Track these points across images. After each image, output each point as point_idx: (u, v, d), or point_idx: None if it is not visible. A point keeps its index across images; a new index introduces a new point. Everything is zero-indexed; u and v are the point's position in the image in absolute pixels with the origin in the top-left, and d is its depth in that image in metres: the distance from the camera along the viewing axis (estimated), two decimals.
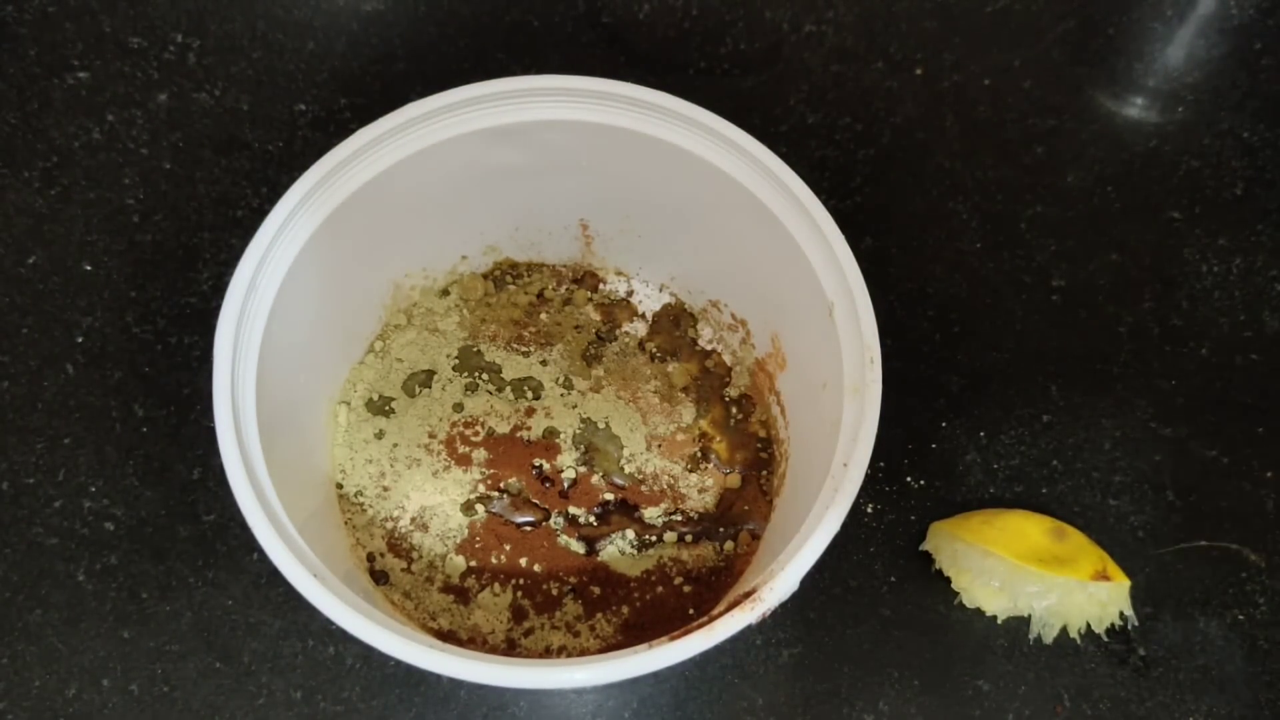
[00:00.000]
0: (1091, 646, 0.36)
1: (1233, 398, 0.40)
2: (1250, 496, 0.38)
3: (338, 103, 0.42)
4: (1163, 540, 0.37)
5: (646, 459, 0.36)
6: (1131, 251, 0.42)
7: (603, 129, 0.32)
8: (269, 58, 0.43)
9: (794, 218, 0.31)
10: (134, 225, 0.40)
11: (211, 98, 0.42)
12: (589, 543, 0.35)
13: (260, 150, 0.41)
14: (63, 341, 0.38)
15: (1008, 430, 0.39)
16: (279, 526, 0.27)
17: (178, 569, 0.35)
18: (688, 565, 0.35)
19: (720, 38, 0.45)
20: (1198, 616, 0.36)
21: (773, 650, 0.35)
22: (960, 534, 0.35)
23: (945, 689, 0.35)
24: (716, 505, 0.35)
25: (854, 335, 0.30)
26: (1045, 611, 0.35)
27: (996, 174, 0.43)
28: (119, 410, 0.37)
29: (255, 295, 0.30)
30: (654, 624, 0.33)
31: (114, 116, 0.42)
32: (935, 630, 0.35)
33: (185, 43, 0.43)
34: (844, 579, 0.36)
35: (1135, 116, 0.44)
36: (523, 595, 0.34)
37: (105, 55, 0.43)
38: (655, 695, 0.34)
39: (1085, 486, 0.38)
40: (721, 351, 0.38)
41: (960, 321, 0.40)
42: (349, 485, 0.35)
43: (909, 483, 0.38)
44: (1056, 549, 0.35)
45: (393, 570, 0.34)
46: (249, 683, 0.34)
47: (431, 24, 0.44)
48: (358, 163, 0.31)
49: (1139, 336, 0.40)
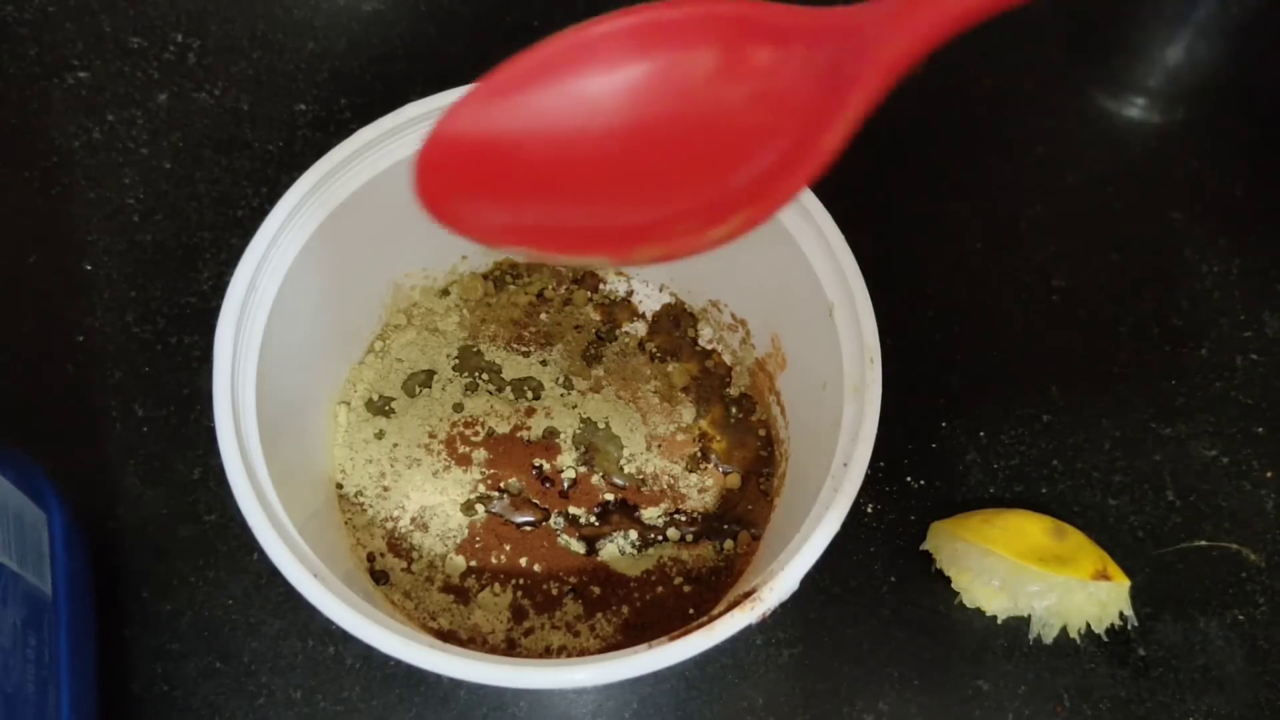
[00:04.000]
0: (1091, 646, 0.36)
1: (1233, 398, 0.40)
2: (1250, 496, 0.38)
3: (338, 102, 0.42)
4: (1163, 540, 0.37)
5: (646, 459, 0.36)
6: (1132, 251, 0.42)
7: None
8: (269, 58, 0.43)
9: (793, 217, 0.31)
10: (134, 225, 0.40)
11: (211, 98, 0.42)
12: (589, 543, 0.35)
13: (260, 150, 0.41)
14: (62, 341, 0.38)
15: (1008, 430, 0.39)
16: (279, 526, 0.27)
17: (178, 568, 0.35)
18: (688, 565, 0.35)
19: None
20: (1198, 616, 0.36)
21: (773, 650, 0.35)
22: (960, 533, 0.35)
23: (945, 689, 0.35)
24: (716, 505, 0.35)
25: (854, 335, 0.30)
26: (1045, 611, 0.35)
27: (997, 174, 0.43)
28: (119, 410, 0.37)
29: (255, 295, 0.30)
30: (654, 624, 0.33)
31: (114, 116, 0.42)
32: (935, 630, 0.35)
33: (185, 43, 0.43)
34: (844, 579, 0.36)
35: (1136, 117, 0.44)
36: (523, 595, 0.34)
37: (105, 55, 0.43)
38: (655, 695, 0.34)
39: (1085, 486, 0.38)
40: (721, 351, 0.38)
41: (960, 321, 0.40)
42: (349, 485, 0.35)
43: (909, 482, 0.38)
44: (1057, 548, 0.35)
45: (393, 570, 0.34)
46: (249, 683, 0.34)
47: (432, 24, 0.44)
48: (358, 162, 0.31)
49: (1139, 336, 0.40)
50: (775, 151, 0.19)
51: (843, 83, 0.18)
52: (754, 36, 0.19)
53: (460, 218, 0.20)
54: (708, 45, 0.20)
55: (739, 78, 0.19)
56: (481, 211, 0.20)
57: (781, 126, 0.19)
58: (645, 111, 0.20)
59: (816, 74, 0.19)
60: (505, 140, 0.20)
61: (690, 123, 0.20)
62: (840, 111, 0.18)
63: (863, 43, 0.18)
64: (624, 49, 0.20)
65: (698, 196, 0.19)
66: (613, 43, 0.20)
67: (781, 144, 0.19)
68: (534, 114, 0.20)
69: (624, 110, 0.20)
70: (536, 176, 0.20)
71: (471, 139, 0.20)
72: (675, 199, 0.19)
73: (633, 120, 0.20)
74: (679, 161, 0.20)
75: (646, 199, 0.19)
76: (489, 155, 0.20)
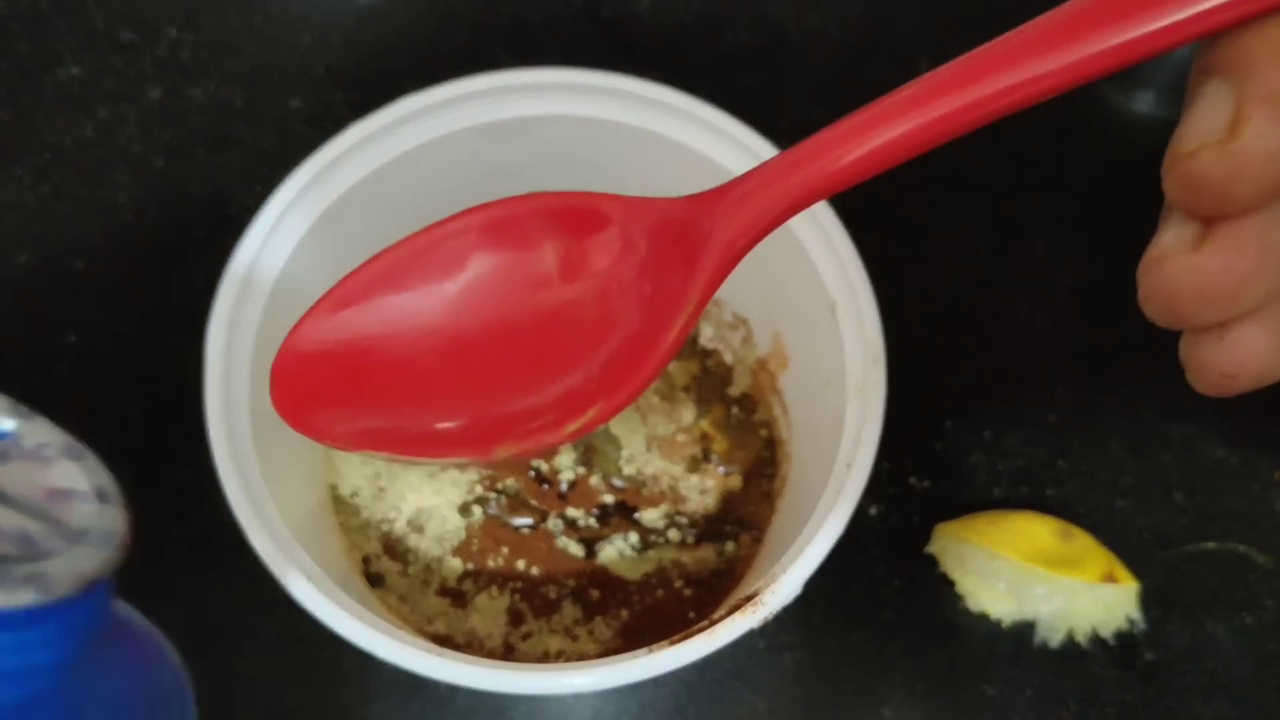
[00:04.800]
0: (1098, 650, 0.35)
1: (1241, 397, 0.39)
2: (1259, 498, 0.38)
3: (333, 98, 0.42)
4: (1170, 542, 0.37)
5: (646, 460, 0.35)
6: (1140, 248, 0.41)
7: (602, 124, 0.32)
8: (263, 53, 0.43)
9: (796, 215, 0.31)
10: (126, 223, 0.39)
11: (205, 93, 0.42)
12: (588, 545, 0.34)
13: (254, 147, 0.41)
14: (53, 341, 0.37)
15: (1013, 430, 0.38)
16: (272, 530, 0.27)
17: (169, 572, 0.34)
18: (688, 568, 0.34)
19: (721, 32, 0.44)
20: (1205, 619, 0.36)
21: (775, 654, 0.35)
22: (966, 535, 0.35)
23: (950, 693, 0.34)
24: (717, 507, 0.35)
25: (857, 334, 0.30)
26: (1051, 615, 0.34)
27: (1002, 170, 0.42)
28: (110, 411, 0.36)
29: (249, 294, 0.29)
30: (654, 628, 0.33)
31: (106, 113, 0.41)
32: (940, 634, 0.35)
33: (178, 38, 0.43)
34: (847, 582, 0.36)
35: (1144, 112, 0.44)
36: (520, 599, 0.33)
37: (97, 50, 0.42)
38: (655, 700, 0.34)
39: (1092, 487, 0.37)
40: (722, 351, 0.37)
41: (965, 320, 0.40)
42: (344, 487, 0.34)
43: (913, 484, 0.37)
44: (1063, 550, 0.34)
45: (389, 573, 0.33)
46: (242, 689, 0.33)
47: (428, 18, 0.44)
48: (353, 158, 0.31)
49: (1146, 335, 0.40)
50: (622, 344, 0.20)
51: (684, 272, 0.19)
52: (593, 230, 0.20)
53: (317, 427, 0.20)
54: (547, 240, 0.20)
55: (581, 273, 0.20)
56: (337, 420, 0.20)
57: (625, 320, 0.20)
58: (492, 313, 0.20)
59: (657, 265, 0.20)
60: (354, 350, 0.20)
61: (537, 321, 0.20)
62: (682, 302, 0.19)
63: (702, 231, 0.19)
64: (466, 251, 0.20)
65: (551, 391, 0.20)
66: (455, 245, 0.20)
67: (627, 335, 0.20)
68: (379, 323, 0.20)
69: (472, 312, 0.20)
70: (389, 383, 0.20)
71: (320, 352, 0.20)
72: (529, 395, 0.20)
73: (481, 322, 0.20)
74: (530, 358, 0.20)
75: (501, 397, 0.20)
76: (340, 366, 0.20)
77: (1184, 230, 0.17)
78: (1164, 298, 0.17)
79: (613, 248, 0.20)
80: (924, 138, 0.18)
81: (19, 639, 0.13)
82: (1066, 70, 0.16)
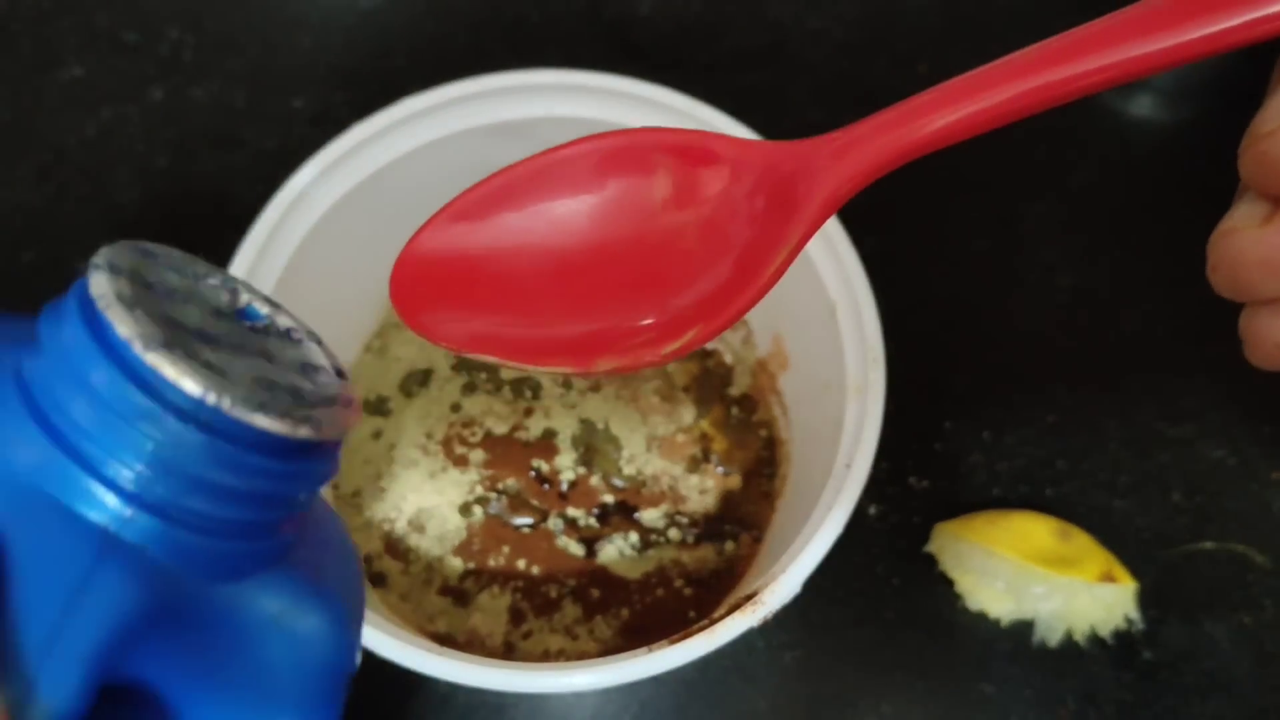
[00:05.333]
0: (1096, 650, 0.35)
1: (1240, 398, 0.39)
2: (1258, 498, 0.38)
3: (335, 98, 0.42)
4: (1169, 542, 0.37)
5: (646, 460, 0.36)
6: (1138, 250, 0.41)
7: (603, 125, 0.32)
8: (265, 53, 0.43)
9: None
10: (129, 223, 0.39)
11: (207, 94, 0.42)
12: (588, 545, 0.34)
13: (256, 147, 0.41)
14: None
15: (1012, 430, 0.38)
16: None
17: None
18: (688, 567, 0.34)
19: (722, 33, 0.44)
20: (1204, 619, 0.36)
21: (775, 653, 0.35)
22: (965, 535, 0.35)
23: (949, 692, 0.34)
24: (717, 507, 0.35)
25: (857, 335, 0.30)
26: (1050, 614, 0.34)
27: (1002, 172, 0.42)
28: None
29: None
30: (654, 627, 0.33)
31: (109, 113, 0.41)
32: (939, 633, 0.35)
33: (181, 38, 0.43)
34: (847, 581, 0.36)
35: (1143, 115, 0.44)
36: (521, 598, 0.33)
37: (100, 51, 0.42)
38: (655, 699, 0.34)
39: (1091, 487, 0.37)
40: (722, 351, 0.37)
41: (964, 321, 0.40)
42: (345, 486, 0.34)
43: (912, 484, 0.37)
44: (1062, 550, 0.34)
45: (390, 572, 0.33)
46: None
47: (430, 18, 0.44)
48: (354, 159, 0.31)
49: (1145, 336, 0.40)
50: (723, 274, 0.21)
51: (785, 213, 0.20)
52: (704, 166, 0.21)
53: (431, 328, 0.21)
54: (661, 172, 0.21)
55: (690, 204, 0.21)
56: (451, 322, 0.21)
57: (728, 251, 0.21)
58: (603, 233, 0.21)
59: (762, 203, 0.20)
60: (471, 258, 0.22)
61: (645, 244, 0.21)
62: (782, 240, 0.20)
63: (806, 177, 0.20)
64: (582, 174, 0.21)
65: (654, 312, 0.21)
66: (572, 168, 0.21)
67: (728, 267, 0.21)
68: (498, 234, 0.22)
69: (583, 232, 0.21)
70: (502, 291, 0.21)
71: (436, 258, 0.21)
72: (633, 314, 0.21)
73: (591, 241, 0.21)
74: (635, 280, 0.21)
75: (605, 314, 0.21)
76: (455, 272, 0.21)
77: (1255, 207, 0.18)
78: (1230, 267, 0.18)
79: (721, 183, 0.21)
80: (1017, 106, 0.19)
81: (289, 469, 0.15)
82: (1164, 53, 0.18)
